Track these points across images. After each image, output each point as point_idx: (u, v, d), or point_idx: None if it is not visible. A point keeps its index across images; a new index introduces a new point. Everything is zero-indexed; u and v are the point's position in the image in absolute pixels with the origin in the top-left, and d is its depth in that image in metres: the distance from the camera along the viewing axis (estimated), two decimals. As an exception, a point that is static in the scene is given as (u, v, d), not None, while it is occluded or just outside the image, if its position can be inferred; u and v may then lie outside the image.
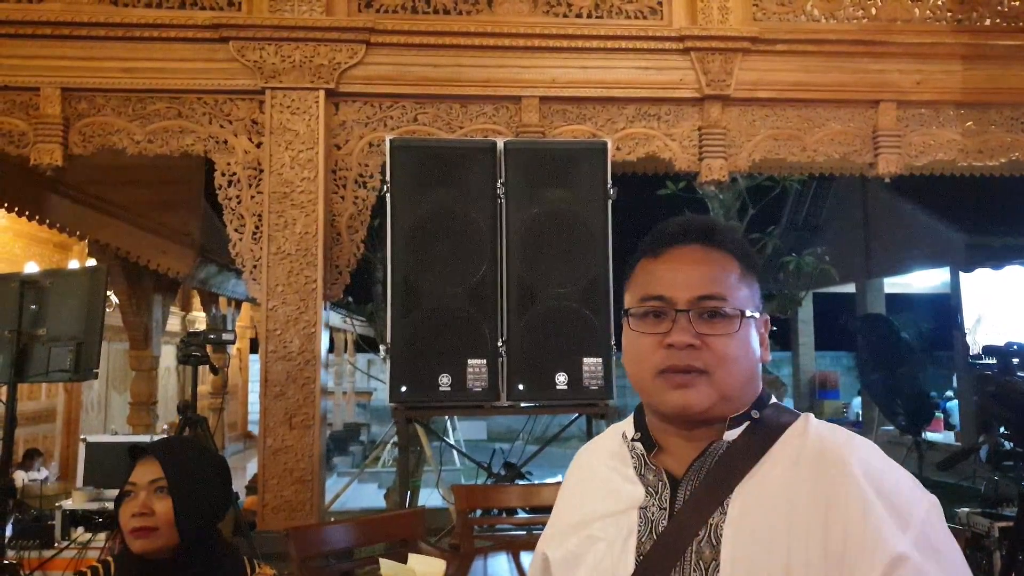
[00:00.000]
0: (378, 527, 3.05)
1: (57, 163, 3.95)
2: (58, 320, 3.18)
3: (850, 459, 1.00)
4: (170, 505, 1.63)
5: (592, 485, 1.17)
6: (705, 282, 1.06)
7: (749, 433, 1.06)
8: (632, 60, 4.26)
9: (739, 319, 1.05)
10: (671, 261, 1.09)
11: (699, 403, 1.04)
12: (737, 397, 1.06)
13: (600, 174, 3.59)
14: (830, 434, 1.05)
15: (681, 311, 1.04)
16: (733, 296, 1.06)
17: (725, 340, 1.04)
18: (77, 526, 3.42)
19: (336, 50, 4.09)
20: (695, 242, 1.09)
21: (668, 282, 1.07)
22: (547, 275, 3.51)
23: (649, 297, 1.08)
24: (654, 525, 1.05)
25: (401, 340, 3.47)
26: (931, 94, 4.40)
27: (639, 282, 1.11)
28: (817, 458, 1.02)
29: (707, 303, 1.05)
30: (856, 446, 1.03)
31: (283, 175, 4.01)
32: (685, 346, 1.03)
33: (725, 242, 1.10)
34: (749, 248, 1.14)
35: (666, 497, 1.06)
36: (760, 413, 1.07)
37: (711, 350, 1.04)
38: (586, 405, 3.56)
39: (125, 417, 7.64)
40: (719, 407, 1.05)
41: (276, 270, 3.96)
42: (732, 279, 1.07)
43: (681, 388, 1.04)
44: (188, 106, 4.08)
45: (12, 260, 7.50)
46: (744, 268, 1.10)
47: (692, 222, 1.12)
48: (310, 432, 3.89)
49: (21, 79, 3.96)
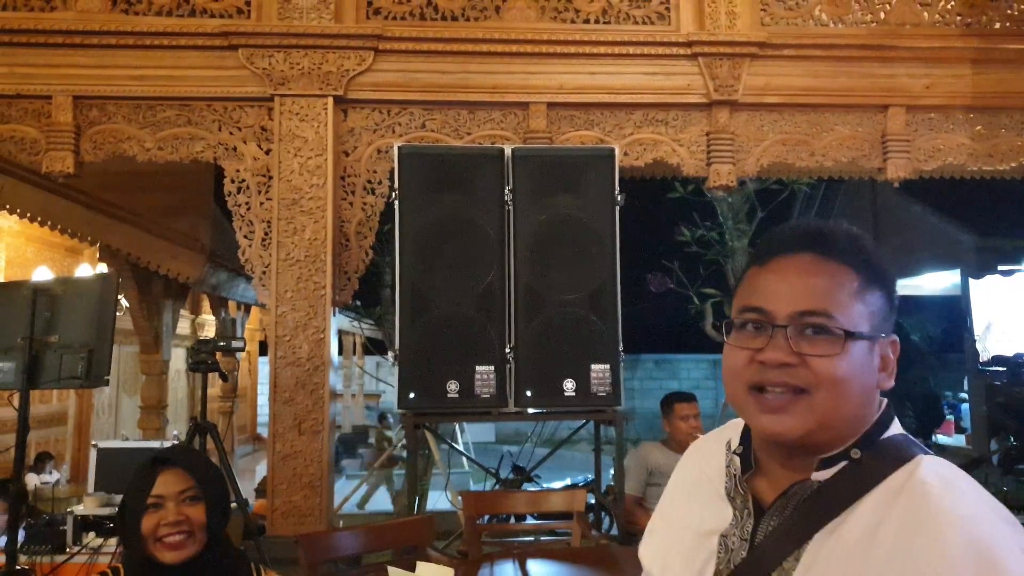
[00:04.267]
0: (387, 534, 3.07)
1: (69, 170, 3.98)
2: (69, 327, 3.21)
3: (950, 535, 0.84)
4: (202, 512, 1.67)
5: (691, 488, 1.10)
6: (810, 296, 0.94)
7: (846, 475, 0.93)
8: (640, 66, 4.26)
9: (845, 340, 0.92)
10: (777, 271, 0.97)
11: (792, 431, 0.93)
12: (841, 427, 0.94)
13: (608, 180, 3.59)
14: (937, 487, 0.89)
15: (779, 326, 0.94)
16: (843, 313, 0.93)
17: (828, 361, 0.92)
18: (89, 531, 3.45)
19: (345, 57, 4.11)
20: (807, 250, 0.97)
21: (770, 293, 0.96)
22: (555, 281, 3.52)
23: (748, 308, 0.98)
24: (733, 555, 0.97)
25: (409, 346, 3.48)
26: (940, 98, 4.38)
27: (743, 291, 1.01)
28: (910, 523, 0.87)
29: (809, 319, 0.93)
30: (964, 516, 0.86)
31: (292, 182, 4.03)
32: (778, 364, 0.93)
33: (842, 251, 0.97)
34: (876, 257, 0.99)
35: (748, 528, 0.97)
36: (862, 453, 0.94)
37: (811, 370, 0.92)
38: (594, 412, 3.56)
39: (135, 420, 7.69)
40: (818, 435, 0.93)
41: (285, 276, 3.98)
42: (844, 293, 0.94)
43: (773, 412, 0.93)
44: (198, 113, 4.11)
45: (24, 264, 7.56)
46: (864, 281, 0.96)
47: (805, 227, 1.00)
48: (319, 437, 3.91)
49: (34, 87, 4.00)
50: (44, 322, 3.18)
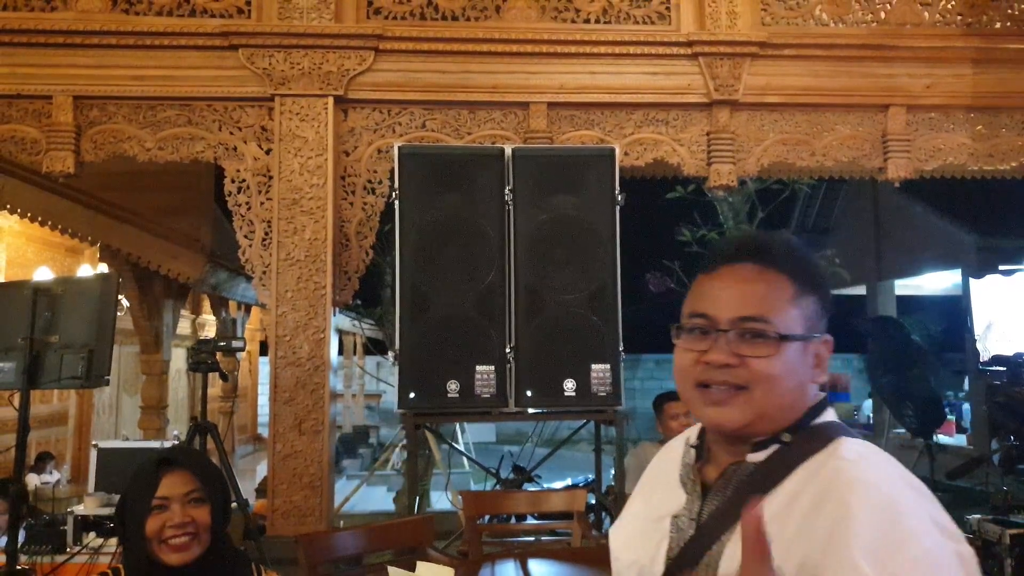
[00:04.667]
0: (387, 534, 3.06)
1: (69, 170, 3.98)
2: (70, 327, 3.21)
3: (848, 491, 0.94)
4: (206, 513, 1.68)
5: (654, 481, 1.21)
6: (749, 302, 1.04)
7: (777, 456, 1.04)
8: (640, 65, 4.26)
9: (780, 342, 1.02)
10: (721, 279, 1.08)
11: (733, 421, 1.04)
12: (777, 417, 1.04)
13: (608, 180, 3.59)
14: (850, 465, 0.98)
15: (721, 330, 1.04)
16: (779, 318, 1.03)
17: (764, 361, 1.02)
18: (89, 531, 3.45)
19: (345, 57, 4.11)
20: (748, 260, 1.07)
21: (713, 300, 1.07)
22: (555, 281, 3.52)
23: (695, 314, 1.08)
24: (683, 534, 1.08)
25: (410, 346, 3.48)
26: (941, 98, 4.38)
27: (691, 297, 1.11)
28: (823, 491, 0.97)
29: (748, 324, 1.03)
30: (863, 474, 0.96)
31: (292, 181, 4.03)
32: (721, 365, 1.03)
33: (780, 260, 1.07)
34: (811, 265, 1.10)
35: (696, 509, 1.08)
36: (792, 436, 1.04)
37: (749, 369, 1.02)
38: (594, 411, 3.56)
39: (136, 420, 7.69)
40: (757, 425, 1.04)
41: (285, 276, 3.98)
42: (781, 299, 1.04)
43: (716, 405, 1.04)
44: (198, 113, 4.11)
45: (25, 264, 7.56)
46: (800, 288, 1.06)
47: (747, 239, 1.12)
48: (319, 438, 3.91)
49: (34, 87, 4.00)
50: (45, 322, 3.18)
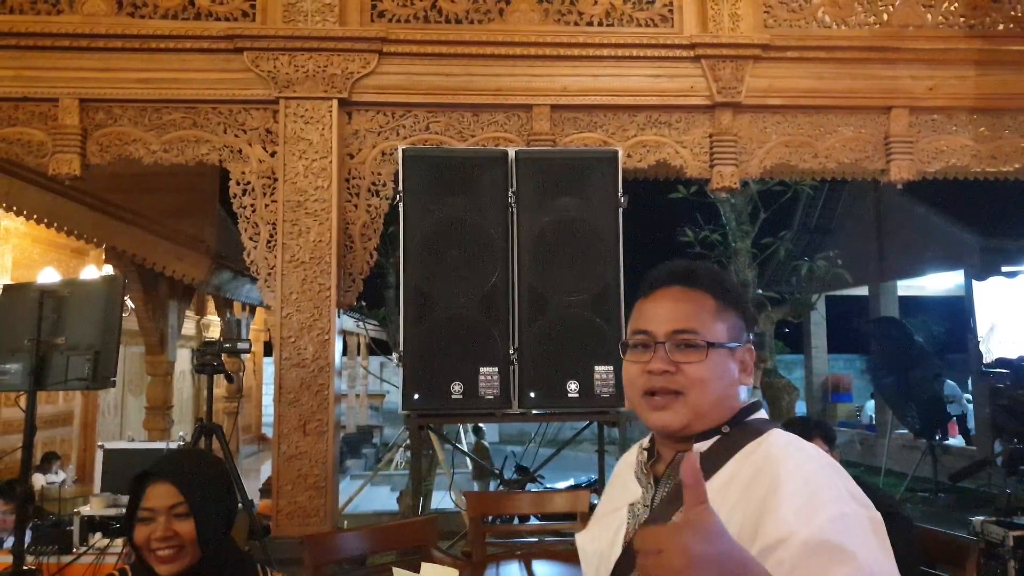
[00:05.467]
0: (391, 535, 3.08)
1: (75, 173, 4.00)
2: (76, 329, 3.23)
3: (778, 467, 1.11)
4: (192, 526, 1.66)
5: (614, 484, 1.39)
6: (680, 318, 1.23)
7: (718, 445, 1.21)
8: (643, 68, 4.28)
9: (708, 349, 1.20)
10: (656, 300, 1.27)
11: (674, 422, 1.21)
12: (710, 415, 1.21)
13: (611, 183, 3.61)
14: (778, 448, 1.16)
15: (659, 343, 1.22)
16: (705, 329, 1.22)
17: (696, 366, 1.20)
18: (95, 532, 3.47)
19: (349, 60, 4.13)
20: (676, 284, 1.27)
21: (651, 318, 1.25)
22: (558, 283, 3.53)
23: (637, 331, 1.26)
24: (638, 519, 1.24)
25: (414, 348, 3.50)
26: (944, 100, 4.39)
27: (633, 319, 1.30)
28: (757, 467, 1.14)
29: (680, 336, 1.22)
30: (790, 455, 1.13)
31: (297, 184, 4.05)
32: (661, 372, 1.21)
33: (703, 282, 1.26)
34: (729, 286, 1.30)
35: (649, 497, 1.25)
36: (731, 428, 1.21)
37: (684, 375, 1.20)
38: (597, 413, 3.58)
39: (141, 420, 7.72)
40: (695, 424, 1.21)
41: (290, 278, 4.00)
42: (706, 315, 1.23)
43: (659, 410, 1.22)
44: (203, 116, 4.13)
45: (30, 265, 7.60)
46: (721, 304, 1.25)
47: (675, 267, 1.30)
48: (324, 439, 3.93)
49: (40, 90, 4.03)
50: (51, 324, 3.21)
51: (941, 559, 2.69)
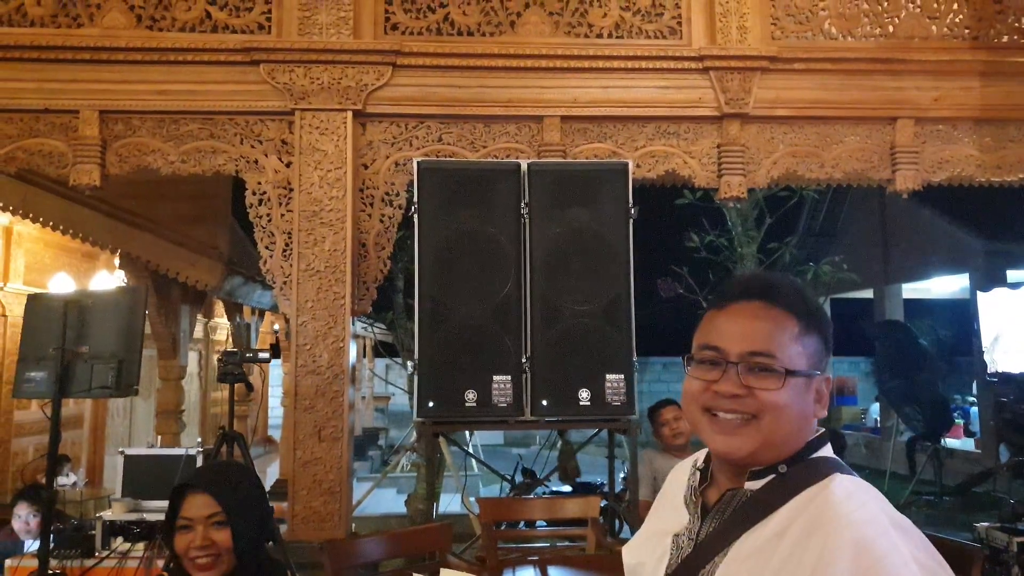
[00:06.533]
0: (407, 540, 3.15)
1: (95, 183, 4.08)
2: (100, 338, 3.31)
3: (838, 534, 0.99)
4: (228, 536, 1.74)
5: (664, 501, 1.29)
6: (758, 338, 1.11)
7: (773, 486, 1.10)
8: (652, 79, 4.34)
9: (785, 377, 1.09)
10: (731, 315, 1.15)
11: (741, 449, 1.10)
12: (779, 447, 1.10)
13: (621, 194, 3.67)
14: (839, 501, 1.04)
15: (731, 363, 1.11)
16: (784, 354, 1.10)
17: (771, 393, 1.09)
18: (116, 536, 3.54)
19: (363, 72, 4.20)
20: (757, 298, 1.14)
21: (725, 334, 1.14)
22: (570, 293, 3.60)
23: (706, 346, 1.15)
24: (681, 552, 1.15)
25: (428, 357, 3.56)
26: (949, 110, 4.44)
27: (702, 331, 1.18)
28: (810, 525, 1.03)
29: (756, 359, 1.10)
30: (856, 520, 1.00)
31: (312, 194, 4.12)
32: (730, 395, 1.10)
33: (786, 300, 1.14)
34: (814, 307, 1.17)
35: (695, 529, 1.15)
36: (788, 468, 1.10)
37: (757, 400, 1.09)
38: (608, 420, 3.64)
39: (149, 424, 7.80)
40: (763, 455, 1.10)
41: (306, 286, 4.07)
42: (786, 337, 1.11)
43: (725, 434, 1.11)
44: (220, 127, 4.21)
45: (42, 269, 7.68)
46: (804, 327, 1.13)
47: (756, 279, 1.19)
48: (338, 444, 4.00)
49: (61, 102, 4.11)
50: (75, 333, 3.28)
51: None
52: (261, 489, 1.95)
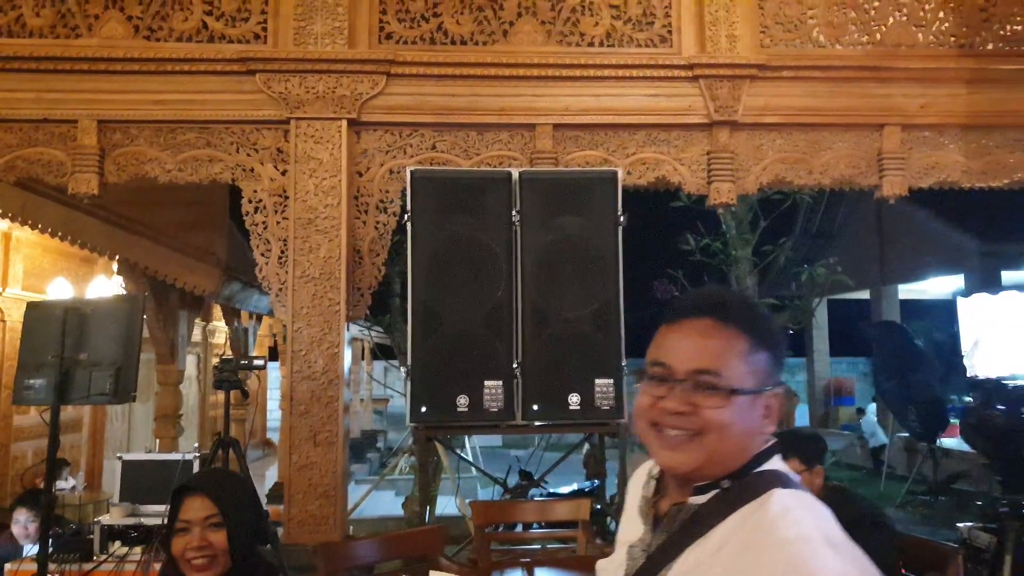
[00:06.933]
0: (400, 543, 3.21)
1: (94, 192, 4.14)
2: (98, 345, 3.37)
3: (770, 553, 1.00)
4: (224, 536, 1.81)
5: (628, 502, 1.30)
6: (705, 356, 1.12)
7: (717, 500, 1.11)
8: (643, 88, 4.40)
9: (730, 395, 1.10)
10: (681, 331, 1.16)
11: (685, 464, 1.12)
12: (724, 462, 1.11)
13: (611, 202, 3.73)
14: (774, 518, 1.04)
15: (678, 380, 1.12)
16: (730, 372, 1.11)
17: (715, 411, 1.10)
18: (114, 540, 3.60)
19: (358, 81, 4.26)
20: (707, 315, 1.14)
21: (672, 351, 1.15)
22: (560, 299, 3.66)
23: (656, 362, 1.16)
24: (635, 563, 1.17)
25: (421, 362, 3.63)
26: (935, 117, 4.50)
27: (654, 346, 1.19)
28: (746, 542, 1.04)
29: (702, 377, 1.11)
30: (788, 538, 1.01)
31: (307, 202, 4.18)
32: (675, 412, 1.11)
33: (736, 318, 1.14)
34: (765, 323, 1.17)
35: (648, 540, 1.18)
36: (731, 483, 1.11)
37: (701, 417, 1.10)
38: (598, 424, 3.70)
39: (148, 428, 7.85)
40: (708, 469, 1.11)
41: (301, 293, 4.13)
42: (733, 355, 1.12)
43: (670, 449, 1.12)
44: (216, 136, 4.27)
45: (40, 275, 7.74)
46: (753, 344, 1.13)
47: (707, 295, 1.19)
48: (333, 449, 4.06)
49: (60, 112, 4.16)
50: (74, 341, 3.34)
51: (926, 566, 2.82)
52: (254, 493, 2.03)
